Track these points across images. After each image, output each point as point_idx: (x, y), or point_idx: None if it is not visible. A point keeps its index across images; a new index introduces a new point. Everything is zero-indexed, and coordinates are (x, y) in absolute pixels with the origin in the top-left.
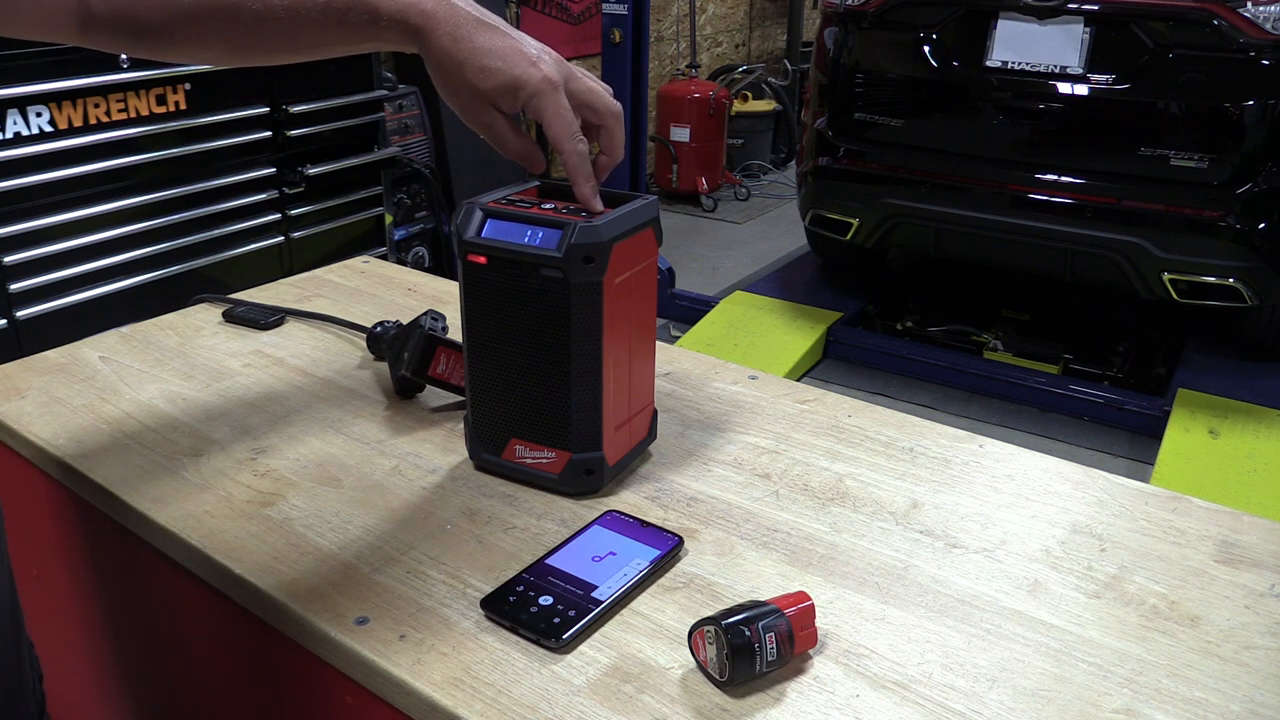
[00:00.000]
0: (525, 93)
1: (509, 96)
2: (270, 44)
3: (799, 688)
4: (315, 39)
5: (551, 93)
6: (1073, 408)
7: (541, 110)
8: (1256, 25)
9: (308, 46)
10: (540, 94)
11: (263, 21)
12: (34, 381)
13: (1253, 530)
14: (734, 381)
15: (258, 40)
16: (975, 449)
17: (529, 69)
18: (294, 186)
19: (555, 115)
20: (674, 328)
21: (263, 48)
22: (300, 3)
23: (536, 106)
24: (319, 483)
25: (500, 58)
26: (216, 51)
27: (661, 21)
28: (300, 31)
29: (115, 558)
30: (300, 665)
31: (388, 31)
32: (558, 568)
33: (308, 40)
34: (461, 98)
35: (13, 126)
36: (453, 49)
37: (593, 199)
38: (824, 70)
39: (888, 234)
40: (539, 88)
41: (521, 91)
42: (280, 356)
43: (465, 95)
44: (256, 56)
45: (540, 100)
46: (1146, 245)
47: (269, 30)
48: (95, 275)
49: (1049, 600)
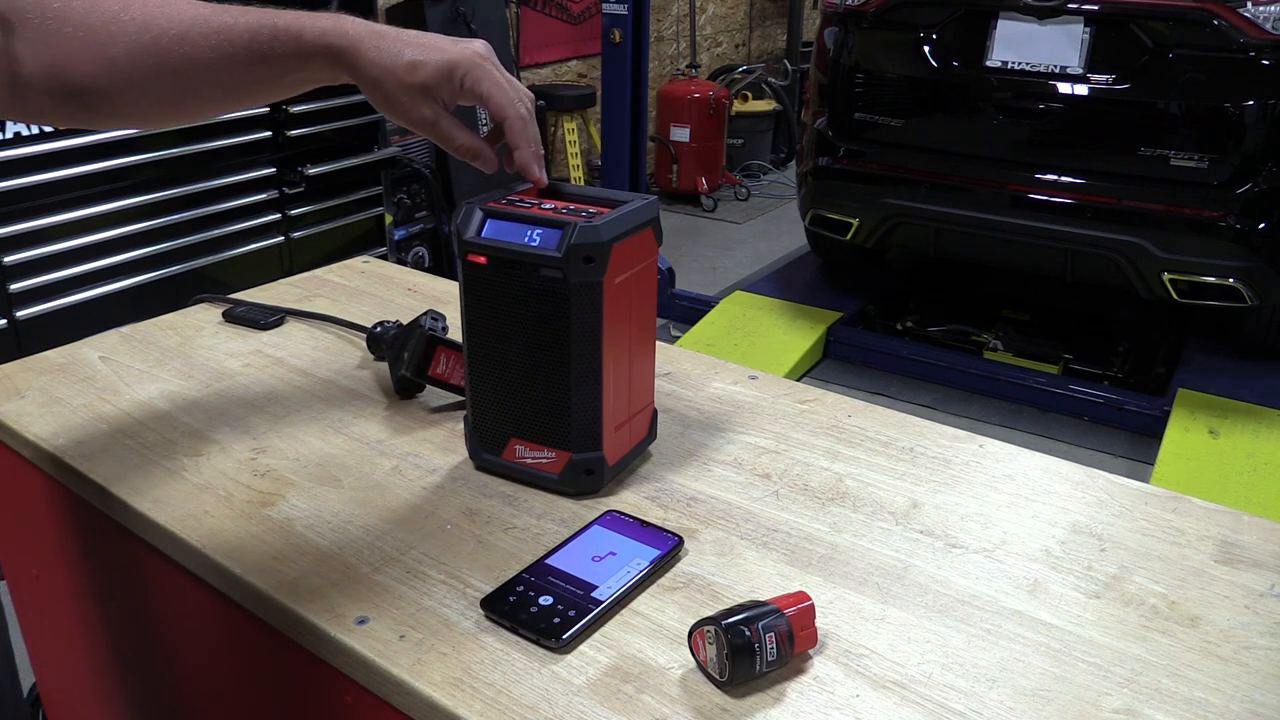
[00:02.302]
0: (459, 71)
1: (445, 82)
2: (201, 90)
3: (799, 688)
4: (245, 77)
5: (484, 63)
6: (1073, 408)
7: (479, 81)
8: (1256, 25)
9: (239, 88)
10: (474, 66)
11: (192, 65)
12: (34, 381)
13: (1253, 530)
14: (734, 381)
15: (188, 87)
16: (975, 449)
17: (456, 50)
18: (294, 186)
19: (494, 84)
20: (674, 328)
21: (192, 95)
22: (226, 41)
23: (474, 79)
24: (319, 483)
25: (426, 50)
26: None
27: (661, 21)
28: (230, 72)
29: (115, 558)
30: (300, 665)
31: (314, 59)
32: (558, 568)
33: (238, 80)
34: (398, 101)
35: (13, 126)
36: (378, 58)
37: (533, 165)
38: (824, 70)
39: (888, 234)
40: (472, 61)
41: (455, 71)
42: (280, 356)
43: (402, 97)
44: (188, 107)
45: (476, 72)
46: (1146, 245)
47: (199, 75)
48: (95, 275)
49: (1049, 600)
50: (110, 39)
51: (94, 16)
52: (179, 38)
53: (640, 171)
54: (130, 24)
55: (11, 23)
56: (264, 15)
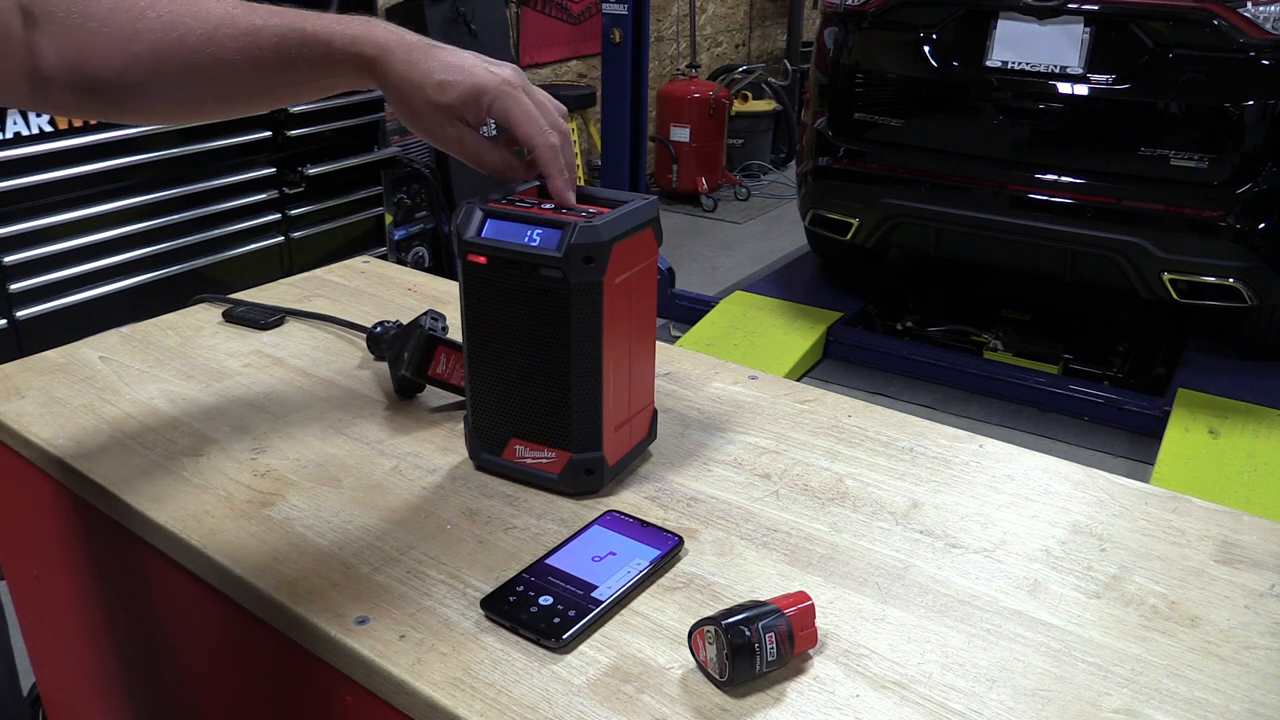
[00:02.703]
0: (487, 97)
1: (472, 105)
2: (226, 91)
3: (799, 688)
4: (271, 81)
5: (513, 92)
6: (1073, 408)
7: (507, 110)
8: (1256, 25)
9: (265, 90)
10: (503, 94)
11: (219, 65)
12: (34, 381)
13: (1253, 530)
14: (734, 381)
15: (213, 88)
16: (975, 449)
17: (486, 75)
18: (294, 186)
19: (522, 112)
20: (674, 328)
21: (216, 95)
22: (253, 45)
23: (501, 108)
24: (319, 483)
25: (457, 71)
26: (173, 104)
27: (661, 21)
28: (256, 75)
29: (115, 558)
30: (300, 665)
31: (342, 66)
32: (558, 568)
33: (264, 84)
34: (425, 119)
35: (13, 126)
36: (408, 73)
37: (567, 193)
38: (824, 70)
39: (888, 234)
40: (500, 89)
41: (484, 97)
42: (280, 356)
43: (429, 115)
44: (212, 107)
45: (504, 100)
46: (1146, 245)
47: (225, 76)
48: (95, 275)
49: (1049, 600)
50: (136, 35)
51: (119, 12)
52: (206, 38)
53: (640, 171)
54: (157, 21)
55: (35, 15)
56: (293, 18)
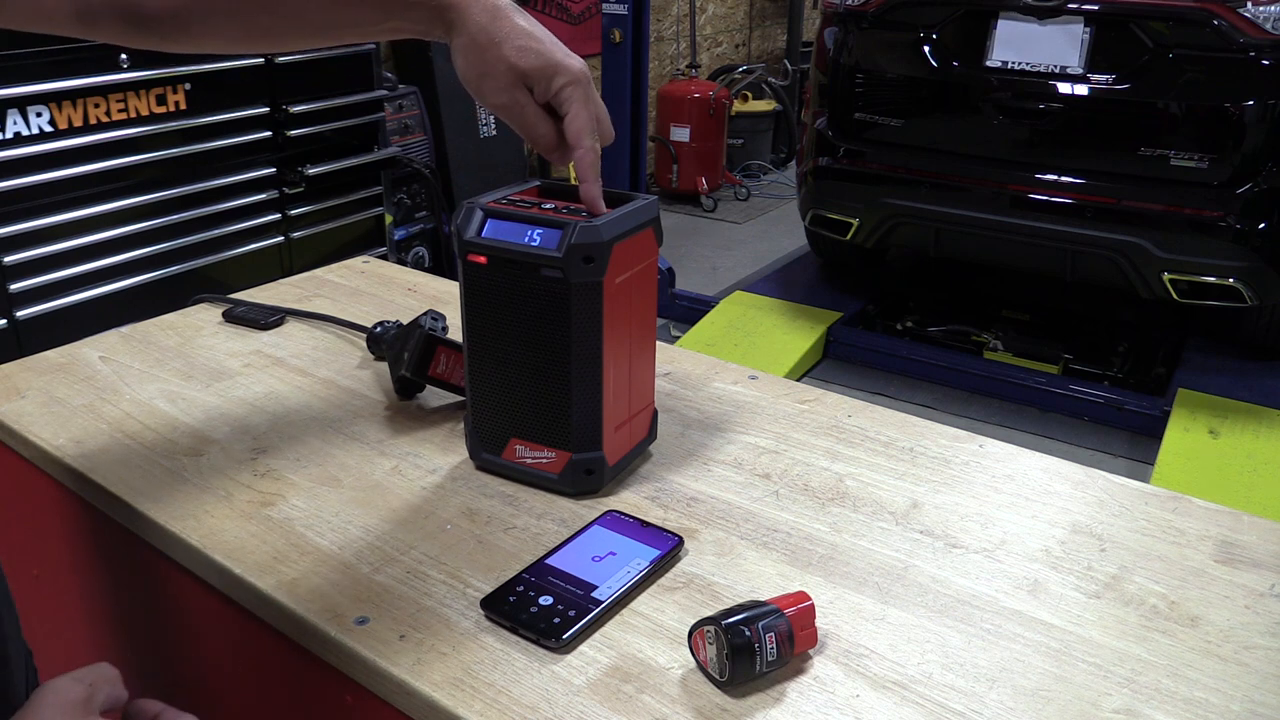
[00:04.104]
0: (563, 78)
1: (544, 79)
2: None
3: (799, 688)
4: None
5: (587, 84)
6: (1073, 408)
7: (573, 99)
8: (1256, 25)
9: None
10: (577, 82)
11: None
12: (34, 381)
13: (1253, 530)
14: (734, 381)
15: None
16: (975, 449)
17: (566, 58)
18: (294, 186)
19: (582, 106)
20: (674, 328)
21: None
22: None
23: (569, 94)
24: (319, 483)
25: (538, 41)
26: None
27: (661, 21)
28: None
29: (115, 557)
30: (300, 665)
31: (415, 9)
32: (558, 568)
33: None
34: (494, 78)
35: (13, 126)
36: (490, 25)
37: (598, 200)
38: (824, 70)
39: (888, 234)
40: (578, 76)
41: (559, 76)
42: (280, 356)
43: (500, 74)
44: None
45: (576, 89)
46: (1146, 245)
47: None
48: (95, 275)
49: (1049, 600)
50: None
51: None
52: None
53: (640, 171)
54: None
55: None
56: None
